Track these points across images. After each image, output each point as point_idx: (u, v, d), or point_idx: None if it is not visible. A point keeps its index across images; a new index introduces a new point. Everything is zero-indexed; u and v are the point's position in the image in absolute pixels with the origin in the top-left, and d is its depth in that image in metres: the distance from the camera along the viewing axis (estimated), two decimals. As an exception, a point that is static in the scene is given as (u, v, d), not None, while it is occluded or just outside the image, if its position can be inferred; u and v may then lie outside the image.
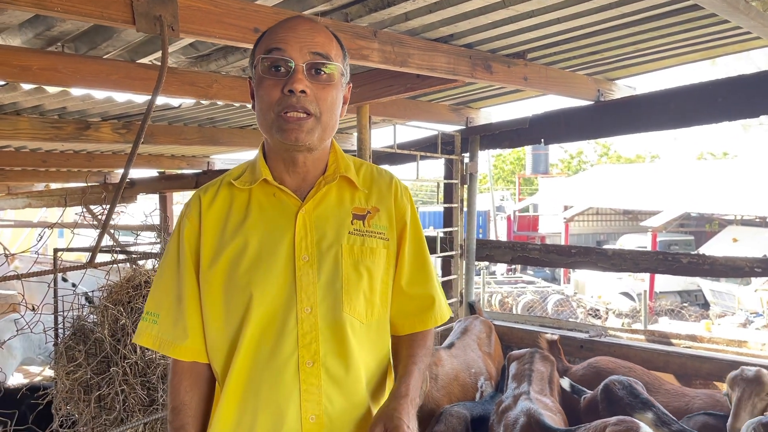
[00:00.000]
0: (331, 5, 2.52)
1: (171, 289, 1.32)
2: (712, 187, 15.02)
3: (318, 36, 1.24)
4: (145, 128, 2.14)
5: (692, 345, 3.98)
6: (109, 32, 2.66)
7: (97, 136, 4.15)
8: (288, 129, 1.20)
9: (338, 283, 1.26)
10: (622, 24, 2.92)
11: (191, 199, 1.36)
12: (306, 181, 1.31)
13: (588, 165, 27.44)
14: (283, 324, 1.23)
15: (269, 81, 1.21)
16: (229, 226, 1.28)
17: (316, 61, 1.21)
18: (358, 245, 1.29)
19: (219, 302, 1.26)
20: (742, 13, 2.11)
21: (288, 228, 1.26)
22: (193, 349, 1.30)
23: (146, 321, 1.33)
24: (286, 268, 1.24)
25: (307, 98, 1.20)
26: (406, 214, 1.39)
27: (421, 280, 1.40)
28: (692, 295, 14.56)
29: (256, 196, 1.30)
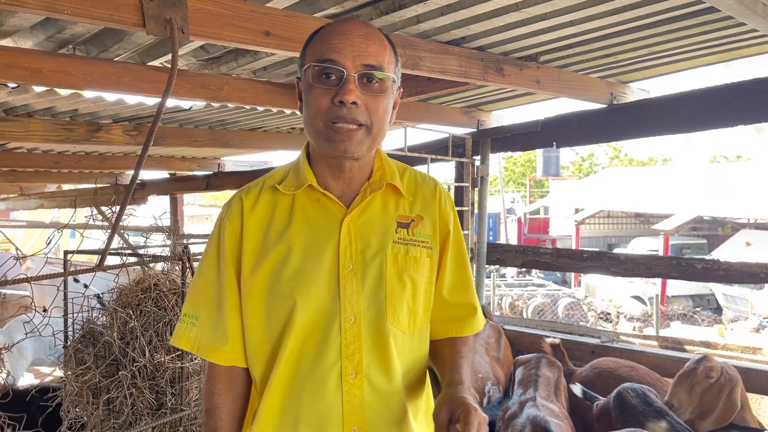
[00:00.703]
0: (342, 7, 2.50)
1: (211, 291, 1.30)
2: (725, 191, 14.89)
3: (372, 44, 1.20)
4: (156, 130, 2.13)
5: (707, 352, 3.93)
6: (119, 35, 2.66)
7: (108, 138, 4.16)
8: (337, 140, 1.18)
9: (382, 293, 1.24)
10: (636, 27, 2.88)
11: (233, 201, 1.32)
12: (351, 188, 1.29)
13: (599, 167, 27.29)
14: (326, 333, 1.21)
15: (319, 89, 1.18)
16: (272, 231, 1.26)
17: (368, 72, 1.18)
18: (402, 254, 1.27)
19: (261, 308, 1.25)
20: (760, 16, 2.07)
21: (332, 235, 1.24)
22: (232, 353, 1.29)
23: (184, 323, 1.31)
24: (330, 276, 1.23)
25: (358, 109, 1.17)
26: (449, 222, 1.37)
27: (462, 289, 1.39)
28: (705, 299, 14.42)
29: (300, 202, 1.28)
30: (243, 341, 1.29)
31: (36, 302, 7.72)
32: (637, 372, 3.31)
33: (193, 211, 27.09)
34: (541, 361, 3.28)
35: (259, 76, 3.43)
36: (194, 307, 1.32)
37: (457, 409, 1.13)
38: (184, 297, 2.74)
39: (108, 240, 2.40)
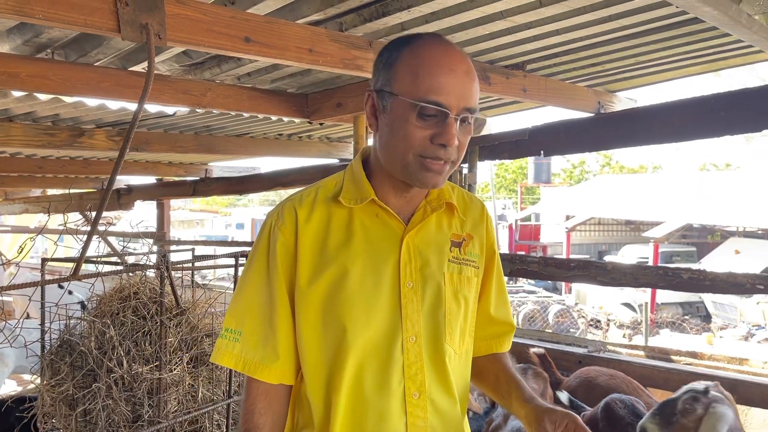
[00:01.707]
0: (325, 14, 2.47)
1: (258, 304, 1.24)
2: (715, 199, 14.98)
3: (473, 83, 1.16)
4: (131, 137, 2.09)
5: (693, 362, 3.91)
6: (98, 39, 2.62)
7: (91, 143, 4.11)
8: (427, 175, 1.15)
9: (441, 312, 1.23)
10: (622, 36, 2.88)
11: (284, 210, 1.24)
12: (410, 204, 1.26)
13: (590, 175, 27.38)
14: (389, 353, 1.18)
15: (417, 124, 1.13)
16: (329, 245, 1.21)
17: (469, 115, 1.16)
18: (456, 273, 1.27)
19: (317, 325, 1.20)
20: (745, 27, 2.05)
21: (393, 252, 1.21)
22: (282, 370, 1.23)
23: (226, 338, 1.24)
24: (391, 294, 1.20)
25: (453, 149, 1.15)
26: (494, 242, 1.38)
27: (504, 306, 1.41)
28: (694, 307, 14.48)
29: (358, 216, 1.23)
30: (294, 358, 1.23)
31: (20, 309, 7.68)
32: (615, 380, 3.28)
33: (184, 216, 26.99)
34: (528, 372, 3.24)
35: (243, 82, 3.39)
36: (238, 321, 1.25)
37: (561, 420, 1.15)
38: (163, 306, 2.69)
39: (83, 247, 2.35)
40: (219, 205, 35.52)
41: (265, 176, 5.55)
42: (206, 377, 2.93)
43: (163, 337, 2.69)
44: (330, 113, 3.63)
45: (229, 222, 26.82)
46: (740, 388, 3.47)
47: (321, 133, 5.17)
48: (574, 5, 2.45)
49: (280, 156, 5.27)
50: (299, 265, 1.20)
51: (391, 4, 2.39)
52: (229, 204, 36.88)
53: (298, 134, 5.12)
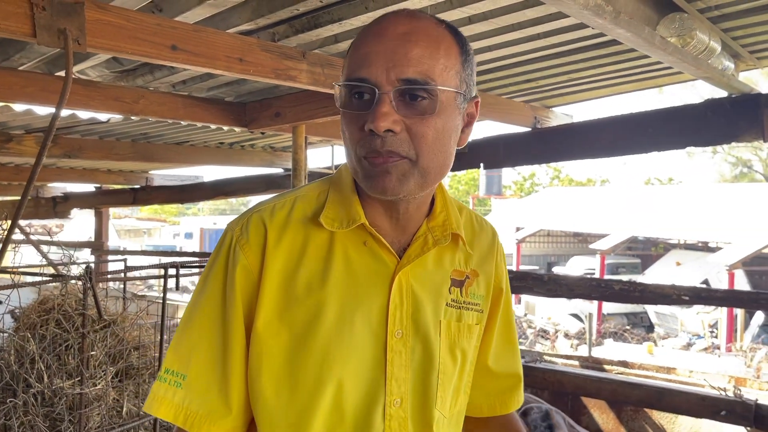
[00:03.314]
0: (256, 24, 2.46)
1: (208, 343, 0.96)
2: (658, 212, 15.50)
3: (415, 46, 0.86)
4: (48, 143, 2.03)
5: (624, 371, 4.02)
6: (21, 43, 2.55)
7: (20, 149, 3.97)
8: (372, 176, 0.89)
9: (434, 371, 0.98)
10: (552, 54, 2.95)
11: (250, 224, 0.97)
12: (406, 231, 0.99)
13: (540, 187, 27.97)
14: (366, 420, 0.94)
15: (350, 114, 0.89)
16: (301, 276, 0.95)
17: (408, 87, 0.86)
18: (455, 321, 1.01)
19: (278, 378, 0.94)
20: (659, 48, 2.14)
21: (381, 292, 0.95)
22: (234, 427, 0.96)
23: (165, 382, 0.96)
24: (375, 345, 0.94)
25: (397, 138, 0.86)
26: (503, 280, 1.11)
27: (508, 356, 1.15)
28: (638, 317, 14.90)
29: (341, 242, 0.96)
30: (250, 412, 0.98)
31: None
32: None
33: (131, 224, 26.33)
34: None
35: (178, 89, 3.34)
36: (182, 362, 0.96)
37: None
38: (86, 318, 2.62)
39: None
40: (167, 214, 34.79)
41: (207, 185, 5.48)
42: (132, 391, 2.86)
43: (86, 351, 2.61)
44: (268, 123, 3.61)
45: (177, 231, 26.26)
46: (667, 396, 3.59)
47: (264, 143, 5.13)
48: (501, 23, 2.50)
49: (222, 165, 5.21)
50: (260, 299, 0.94)
51: (322, 16, 2.39)
52: (178, 213, 36.17)
53: (240, 143, 5.07)
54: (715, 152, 21.71)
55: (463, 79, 0.92)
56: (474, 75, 0.96)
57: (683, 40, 2.36)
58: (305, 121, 3.54)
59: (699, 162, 25.84)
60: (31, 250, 6.13)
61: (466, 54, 0.93)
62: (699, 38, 2.37)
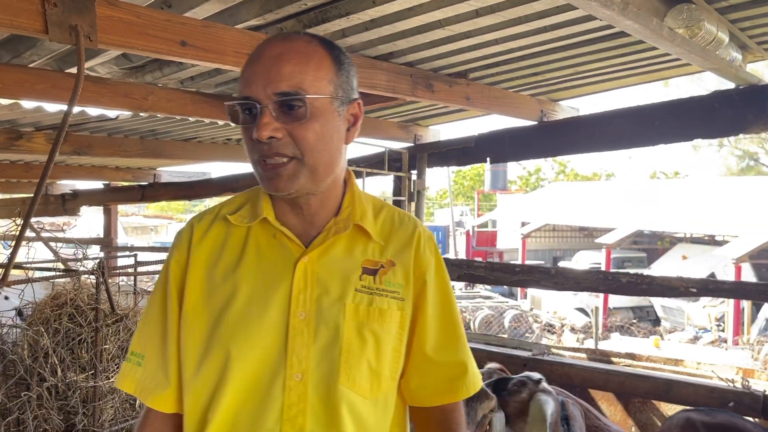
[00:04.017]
0: (264, 20, 2.48)
1: (156, 327, 1.15)
2: (664, 206, 15.46)
3: (286, 64, 1.03)
4: (61, 140, 2.05)
5: (631, 363, 4.03)
6: (32, 40, 2.57)
7: (30, 146, 4.00)
8: (267, 178, 1.05)
9: (336, 349, 1.07)
10: (559, 47, 2.95)
11: (184, 228, 1.19)
12: (313, 225, 1.13)
13: (545, 182, 27.92)
14: (267, 391, 1.05)
15: (243, 127, 1.06)
16: (220, 266, 1.12)
17: (282, 99, 1.02)
18: (365, 305, 1.10)
19: (196, 354, 1.09)
20: (667, 40, 2.14)
21: (285, 278, 1.09)
22: (175, 399, 1.12)
23: (131, 362, 1.16)
24: (277, 325, 1.07)
25: (281, 142, 1.03)
26: (428, 270, 1.19)
27: (449, 345, 1.20)
28: (644, 311, 14.89)
29: (254, 236, 1.13)
30: None
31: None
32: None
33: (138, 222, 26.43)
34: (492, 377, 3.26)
35: (186, 86, 3.36)
36: (142, 344, 1.16)
37: None
38: (98, 313, 2.65)
39: (12, 252, 2.29)
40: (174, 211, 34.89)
41: (214, 181, 5.50)
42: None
43: (99, 344, 2.64)
44: (276, 118, 3.62)
45: (184, 228, 26.23)
46: (675, 388, 3.60)
47: (271, 139, 5.14)
48: (508, 16, 2.50)
49: (230, 161, 5.22)
50: (187, 287, 1.12)
51: (330, 11, 2.41)
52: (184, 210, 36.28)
53: (248, 139, 5.08)
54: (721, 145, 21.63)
55: (338, 86, 1.08)
56: (352, 80, 1.12)
57: (691, 32, 2.36)
58: (312, 116, 3.55)
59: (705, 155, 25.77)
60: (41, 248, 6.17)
61: (340, 63, 1.09)
62: (707, 29, 2.37)
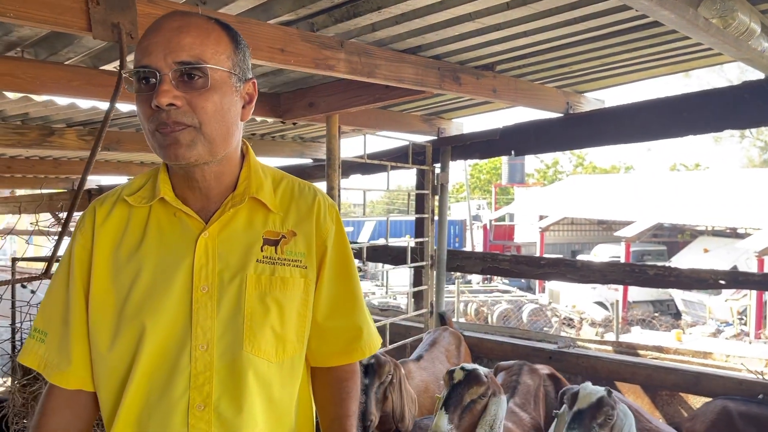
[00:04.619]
0: (296, 15, 2.50)
1: (59, 306, 1.19)
2: (685, 198, 15.30)
3: (187, 36, 1.06)
4: (103, 136, 2.10)
5: (659, 356, 4.02)
6: (69, 38, 2.61)
7: (62, 142, 4.07)
8: (165, 145, 1.06)
9: (240, 318, 1.12)
10: (588, 38, 2.95)
11: (86, 211, 1.21)
12: (211, 201, 1.17)
13: (563, 175, 27.75)
14: (176, 362, 1.10)
15: (140, 96, 1.07)
16: (123, 247, 1.15)
17: (183, 67, 1.05)
18: (267, 275, 1.15)
19: (108, 333, 1.13)
20: (702, 29, 2.13)
21: (187, 254, 1.13)
22: (75, 376, 1.16)
23: (33, 339, 1.19)
24: (181, 299, 1.11)
25: (180, 111, 1.05)
26: (328, 237, 1.24)
27: (344, 311, 1.27)
28: (664, 305, 14.76)
29: (155, 215, 1.16)
30: (90, 364, 1.17)
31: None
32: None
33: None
34: (523, 368, 3.30)
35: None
36: (45, 322, 1.20)
37: None
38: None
39: (55, 247, 2.34)
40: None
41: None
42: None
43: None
44: (302, 113, 3.65)
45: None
46: (704, 381, 3.59)
47: (294, 133, 5.18)
48: (540, 8, 2.51)
49: (254, 156, 5.26)
50: (93, 268, 1.15)
51: (362, 5, 2.42)
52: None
53: (271, 134, 5.12)
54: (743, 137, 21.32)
55: (236, 63, 1.12)
56: (247, 60, 1.16)
57: (725, 22, 2.34)
58: (338, 110, 3.58)
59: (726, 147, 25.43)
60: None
61: (237, 43, 1.13)
62: (740, 19, 2.35)
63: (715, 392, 3.49)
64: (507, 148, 4.41)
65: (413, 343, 4.38)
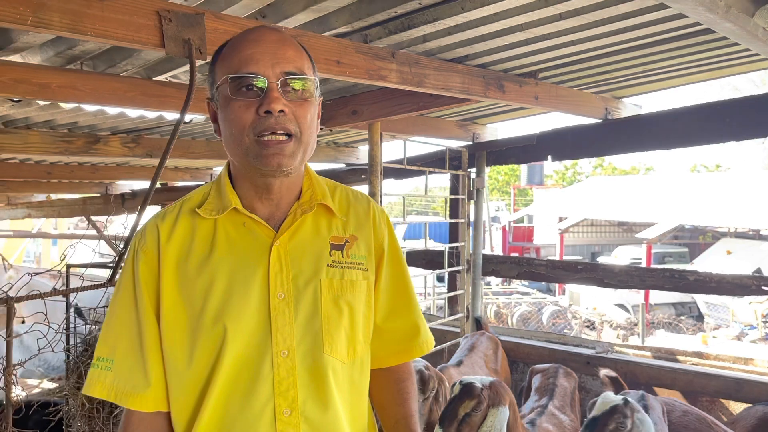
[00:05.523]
0: (351, 27, 2.54)
1: (127, 331, 1.18)
2: (706, 200, 15.16)
3: (288, 49, 1.13)
4: (172, 146, 2.17)
5: (698, 362, 4.01)
6: (129, 51, 2.68)
7: (106, 149, 4.15)
8: (268, 155, 1.10)
9: (318, 322, 1.16)
10: (634, 46, 2.96)
11: (146, 229, 1.21)
12: (279, 209, 1.20)
13: (583, 176, 27.60)
14: (258, 369, 1.12)
15: (240, 102, 1.10)
16: (192, 260, 1.16)
17: (290, 78, 1.11)
18: (337, 278, 1.19)
19: (184, 348, 1.14)
20: (761, 40, 2.14)
21: (261, 262, 1.15)
22: (155, 398, 1.17)
23: (98, 368, 1.18)
24: (259, 307, 1.14)
25: (287, 118, 1.10)
26: (384, 241, 1.30)
27: (401, 311, 1.32)
28: (686, 307, 14.62)
29: (222, 226, 1.18)
30: (165, 384, 1.18)
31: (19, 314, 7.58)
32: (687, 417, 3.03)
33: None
34: (559, 370, 3.34)
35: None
36: (109, 349, 1.19)
37: None
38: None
39: (120, 253, 2.40)
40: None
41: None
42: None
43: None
44: (345, 120, 3.70)
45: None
46: (746, 387, 3.58)
47: (328, 139, 5.24)
48: (592, 18, 2.52)
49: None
50: (163, 285, 1.16)
51: (418, 17, 2.46)
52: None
53: (307, 140, 5.17)
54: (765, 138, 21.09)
55: (316, 78, 1.19)
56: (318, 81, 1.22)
57: (779, 30, 2.35)
58: (381, 118, 3.62)
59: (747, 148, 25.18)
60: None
61: (312, 62, 1.20)
62: (795, 28, 2.36)
63: (758, 399, 3.48)
64: (543, 153, 4.42)
65: (451, 348, 4.41)
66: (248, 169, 1.15)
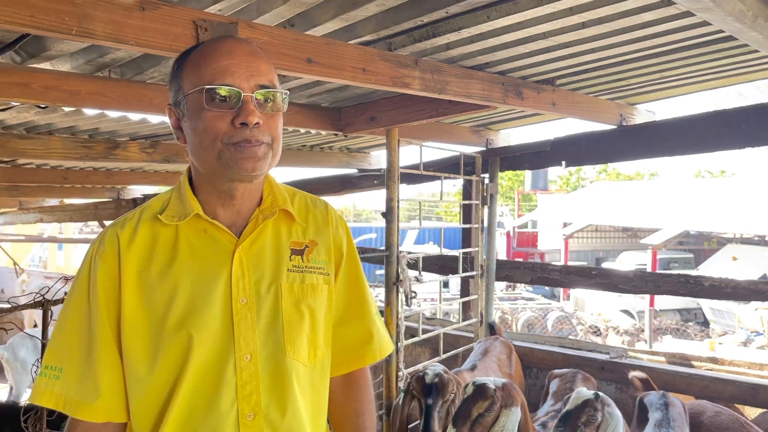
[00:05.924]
0: (377, 35, 2.58)
1: (77, 339, 1.16)
2: (711, 205, 15.15)
3: (261, 62, 1.16)
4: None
5: (713, 367, 4.02)
6: (157, 59, 2.72)
7: (125, 155, 4.19)
8: (243, 158, 1.11)
9: (279, 326, 1.17)
10: (652, 54, 2.99)
11: (105, 236, 1.19)
12: (241, 215, 1.21)
13: (587, 182, 27.62)
14: (221, 374, 1.13)
15: (214, 113, 1.10)
16: (154, 267, 1.16)
17: (266, 90, 1.13)
18: (298, 283, 1.21)
19: (146, 354, 1.13)
20: (784, 49, 2.18)
21: (223, 268, 1.16)
22: (105, 408, 1.15)
23: (46, 377, 1.16)
24: (223, 312, 1.14)
25: (260, 130, 1.12)
26: (342, 246, 1.33)
27: (355, 316, 1.34)
28: (692, 313, 14.60)
29: (184, 233, 1.18)
30: (121, 393, 1.16)
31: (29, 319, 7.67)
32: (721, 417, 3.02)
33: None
34: (577, 375, 3.36)
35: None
36: (57, 357, 1.17)
37: None
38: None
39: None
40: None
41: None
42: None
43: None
44: (363, 126, 3.74)
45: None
46: (762, 392, 3.59)
47: (341, 144, 5.28)
48: (614, 26, 2.56)
49: (302, 166, 5.37)
50: (123, 292, 1.14)
51: (443, 25, 2.50)
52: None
53: (320, 145, 5.22)
54: (770, 143, 21.10)
55: (287, 91, 1.20)
56: None
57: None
58: (399, 124, 3.65)
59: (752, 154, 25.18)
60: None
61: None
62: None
63: (775, 404, 3.50)
64: (557, 159, 4.44)
65: (465, 353, 4.43)
66: (215, 175, 1.15)
